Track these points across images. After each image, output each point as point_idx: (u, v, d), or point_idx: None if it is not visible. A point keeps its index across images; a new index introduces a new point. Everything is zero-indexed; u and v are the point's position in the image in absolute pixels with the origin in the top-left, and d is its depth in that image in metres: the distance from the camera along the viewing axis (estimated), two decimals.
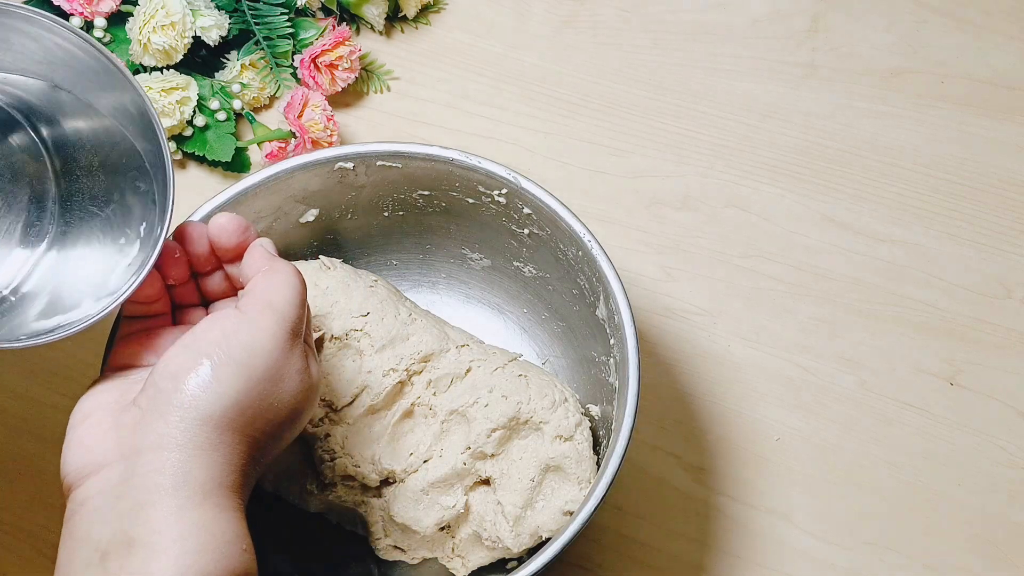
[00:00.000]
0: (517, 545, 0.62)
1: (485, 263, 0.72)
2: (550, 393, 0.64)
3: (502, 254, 0.70)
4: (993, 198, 0.80)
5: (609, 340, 0.63)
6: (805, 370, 0.75)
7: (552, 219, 0.64)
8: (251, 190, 0.64)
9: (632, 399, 0.59)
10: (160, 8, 0.78)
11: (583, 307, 0.66)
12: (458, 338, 0.66)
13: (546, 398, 0.63)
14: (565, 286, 0.67)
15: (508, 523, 0.62)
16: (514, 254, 0.69)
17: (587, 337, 0.67)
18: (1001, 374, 0.75)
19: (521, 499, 0.62)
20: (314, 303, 0.64)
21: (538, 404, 0.63)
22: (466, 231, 0.70)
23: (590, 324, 0.66)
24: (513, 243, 0.69)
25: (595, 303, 0.64)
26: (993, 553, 0.70)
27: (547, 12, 0.88)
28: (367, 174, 0.66)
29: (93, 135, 0.56)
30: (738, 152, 0.82)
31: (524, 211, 0.65)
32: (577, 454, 0.63)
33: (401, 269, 0.73)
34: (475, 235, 0.70)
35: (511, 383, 0.64)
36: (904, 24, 0.87)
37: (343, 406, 0.63)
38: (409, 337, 0.64)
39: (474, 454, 0.63)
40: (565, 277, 0.67)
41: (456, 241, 0.71)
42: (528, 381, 0.64)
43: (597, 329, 0.65)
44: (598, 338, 0.65)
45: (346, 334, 0.64)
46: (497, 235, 0.69)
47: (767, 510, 0.71)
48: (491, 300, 0.73)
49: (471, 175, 0.65)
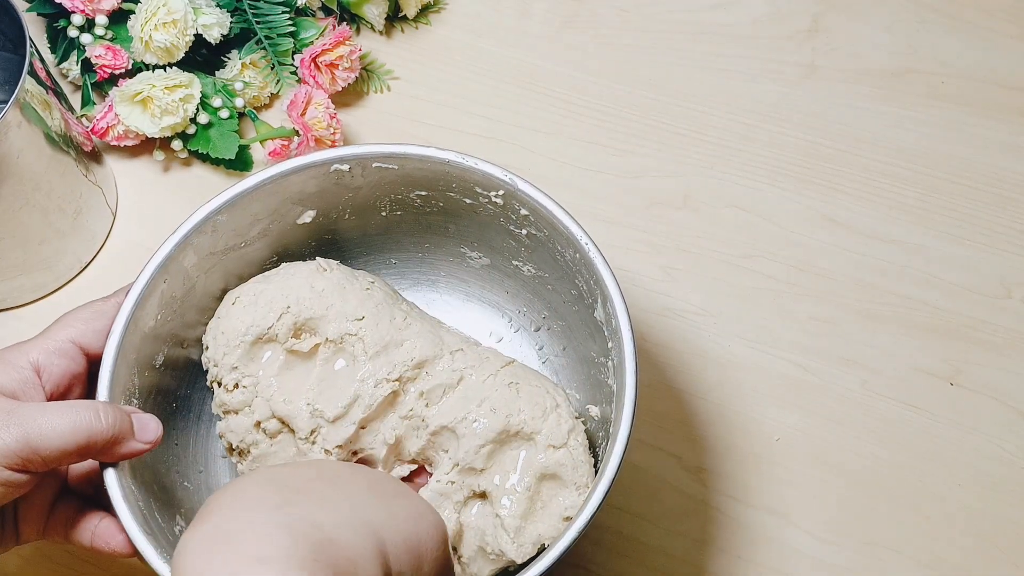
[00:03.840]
0: (520, 555, 0.62)
1: (484, 262, 0.72)
2: (541, 401, 0.63)
3: (501, 253, 0.70)
4: (993, 198, 0.80)
5: (607, 343, 0.63)
6: (805, 370, 0.75)
7: (549, 221, 0.63)
8: (247, 193, 0.64)
9: (629, 405, 0.58)
10: (162, 6, 0.78)
11: (582, 308, 0.66)
12: (452, 342, 0.65)
13: (537, 407, 0.63)
14: (564, 286, 0.67)
15: (509, 535, 0.62)
16: (513, 253, 0.69)
17: (586, 338, 0.67)
18: (1001, 374, 0.75)
19: (519, 509, 0.62)
20: (310, 305, 0.64)
21: (528, 415, 0.62)
22: (465, 230, 0.70)
23: (589, 325, 0.66)
24: (512, 243, 0.68)
25: (593, 305, 0.64)
26: (993, 553, 0.70)
27: (547, 12, 0.88)
28: (363, 175, 0.66)
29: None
30: (738, 152, 0.82)
31: (521, 212, 0.65)
32: (572, 460, 0.62)
33: (400, 268, 0.73)
34: (474, 234, 0.70)
35: (501, 393, 0.63)
36: (904, 24, 0.87)
37: (336, 417, 0.63)
38: (403, 343, 0.64)
39: (462, 470, 0.63)
40: (564, 278, 0.67)
41: (455, 240, 0.71)
42: (519, 390, 0.63)
43: (596, 330, 0.65)
44: (596, 339, 0.65)
45: (341, 338, 0.63)
46: (496, 235, 0.69)
47: (767, 510, 0.71)
48: (491, 299, 0.73)
49: (468, 176, 0.65)
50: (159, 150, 0.82)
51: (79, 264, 0.80)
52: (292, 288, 0.64)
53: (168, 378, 0.65)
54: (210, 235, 0.64)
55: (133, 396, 0.62)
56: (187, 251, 0.63)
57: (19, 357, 0.57)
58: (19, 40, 0.69)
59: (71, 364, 0.58)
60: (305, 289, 0.64)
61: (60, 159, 0.74)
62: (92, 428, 0.54)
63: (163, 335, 0.64)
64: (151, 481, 0.61)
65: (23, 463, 0.53)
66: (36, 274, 0.78)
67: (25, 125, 0.69)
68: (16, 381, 0.56)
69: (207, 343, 0.64)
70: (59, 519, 0.59)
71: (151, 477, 0.61)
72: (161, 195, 0.82)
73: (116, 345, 0.60)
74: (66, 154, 0.75)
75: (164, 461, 0.64)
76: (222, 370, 0.63)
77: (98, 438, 0.54)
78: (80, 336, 0.59)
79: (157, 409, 0.63)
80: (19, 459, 0.52)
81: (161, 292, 0.62)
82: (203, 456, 0.68)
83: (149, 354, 0.63)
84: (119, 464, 0.57)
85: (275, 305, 0.63)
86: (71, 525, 0.59)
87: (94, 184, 0.79)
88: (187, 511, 0.64)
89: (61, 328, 0.59)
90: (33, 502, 0.59)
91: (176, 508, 0.63)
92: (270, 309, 0.63)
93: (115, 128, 0.80)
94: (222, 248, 0.65)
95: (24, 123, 0.69)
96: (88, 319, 0.60)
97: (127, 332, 0.60)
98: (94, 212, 0.79)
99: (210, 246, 0.64)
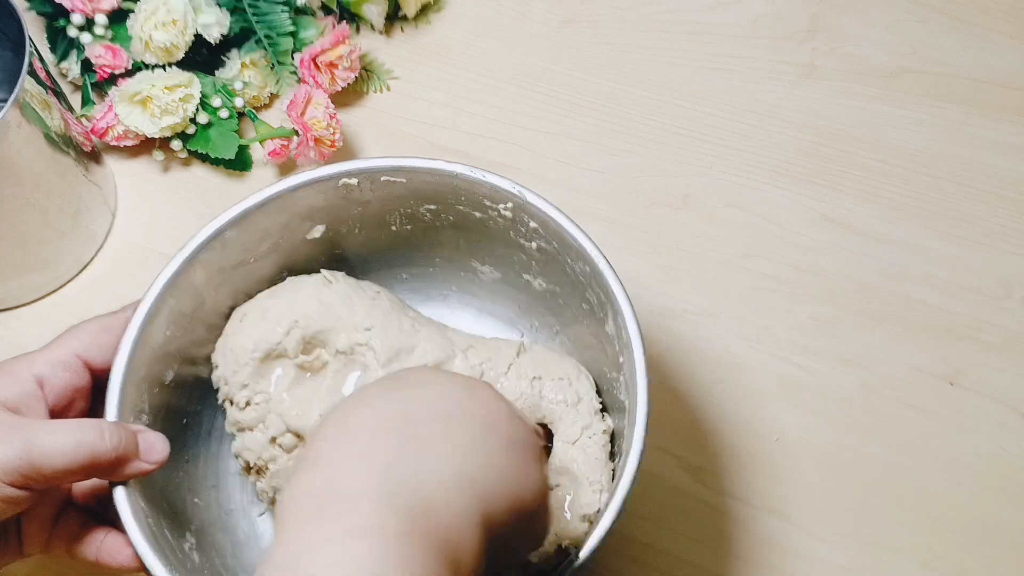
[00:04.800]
0: (538, 556, 0.61)
1: (495, 276, 0.71)
2: (564, 396, 0.63)
3: (511, 267, 0.69)
4: (993, 198, 0.80)
5: (619, 357, 0.62)
6: (805, 370, 0.75)
7: (559, 234, 0.62)
8: (256, 208, 0.63)
9: (641, 421, 0.57)
10: (162, 5, 0.78)
11: (593, 322, 0.65)
12: (461, 341, 0.65)
13: (559, 404, 0.63)
14: (575, 300, 0.66)
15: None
16: (523, 267, 0.69)
17: (598, 352, 0.66)
18: (1001, 374, 0.75)
19: None
20: (318, 318, 0.63)
21: (548, 414, 0.62)
22: (475, 244, 0.69)
23: (600, 339, 0.65)
24: (522, 256, 0.68)
25: (604, 319, 0.63)
26: (993, 553, 0.70)
27: (547, 12, 0.88)
28: (372, 189, 0.65)
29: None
30: (738, 152, 0.82)
31: (531, 225, 0.64)
32: (586, 456, 0.62)
33: (411, 283, 0.73)
34: (484, 248, 0.69)
35: (521, 385, 0.63)
36: (904, 24, 0.87)
37: None
38: (414, 349, 0.63)
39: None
40: (574, 291, 0.66)
41: (465, 254, 0.70)
42: (542, 388, 0.63)
43: (607, 344, 0.64)
44: (608, 353, 0.64)
45: (351, 348, 0.63)
46: (506, 248, 0.68)
47: (767, 510, 0.71)
48: (502, 313, 0.73)
49: (476, 189, 0.64)
50: (159, 150, 0.82)
51: (79, 264, 0.80)
52: (299, 302, 0.63)
53: (178, 395, 0.65)
54: (219, 251, 0.63)
55: (143, 413, 0.61)
56: (196, 267, 0.62)
57: (22, 368, 0.56)
58: (19, 40, 0.69)
59: (74, 377, 0.58)
60: (312, 303, 0.63)
61: (60, 159, 0.74)
62: (95, 448, 0.53)
63: (172, 352, 0.63)
64: (160, 498, 0.60)
65: (24, 480, 0.52)
66: (36, 274, 0.78)
67: (25, 125, 0.69)
68: (18, 393, 0.55)
69: (216, 361, 0.64)
70: (62, 533, 0.59)
71: (160, 494, 0.61)
72: (161, 195, 0.82)
73: (125, 361, 0.59)
74: (66, 154, 0.75)
75: (174, 478, 0.63)
76: (233, 388, 0.63)
77: (101, 458, 0.54)
78: (85, 350, 0.58)
79: (167, 426, 0.63)
80: (20, 476, 0.52)
81: (170, 308, 0.61)
82: (214, 473, 0.67)
83: (158, 371, 0.62)
84: (129, 481, 0.56)
85: (283, 320, 0.63)
86: (75, 539, 0.59)
87: (94, 184, 0.79)
88: (197, 528, 0.63)
89: (66, 341, 0.58)
90: (36, 516, 0.58)
91: (186, 525, 0.62)
92: (278, 324, 0.63)
93: (115, 128, 0.80)
94: (231, 264, 0.64)
95: (24, 123, 0.69)
96: (95, 333, 0.59)
97: (136, 348, 0.59)
98: (94, 212, 0.79)
99: (219, 262, 0.63)
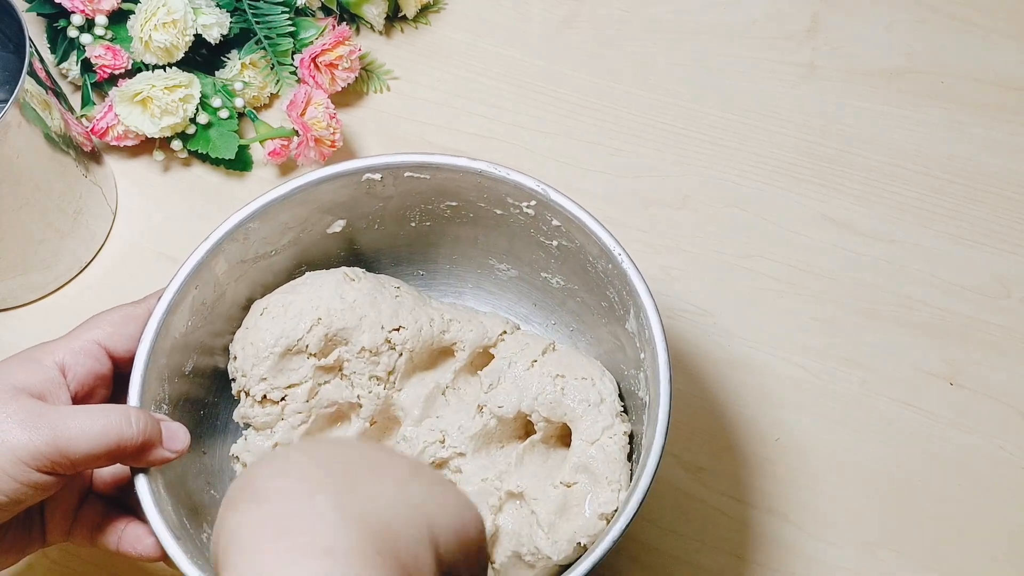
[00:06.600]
0: (556, 553, 0.61)
1: (512, 273, 0.71)
2: (586, 396, 0.63)
3: (530, 265, 0.69)
4: (993, 198, 0.80)
5: (639, 354, 0.62)
6: (805, 370, 0.75)
7: (582, 231, 0.63)
8: (278, 202, 0.63)
9: (663, 416, 0.57)
10: (161, 6, 0.78)
11: (612, 320, 0.65)
12: (493, 328, 0.66)
13: (581, 403, 0.63)
14: (594, 298, 0.67)
15: (544, 531, 0.61)
16: (542, 265, 0.69)
17: (616, 350, 0.66)
18: (1001, 374, 0.75)
19: (553, 505, 0.61)
20: (341, 317, 0.63)
21: (570, 413, 0.63)
22: (494, 241, 0.69)
23: (619, 337, 0.65)
24: (541, 254, 0.68)
25: (625, 316, 0.63)
26: (993, 553, 0.70)
27: (547, 12, 0.88)
28: (395, 185, 0.65)
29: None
30: (738, 152, 0.82)
31: (553, 223, 0.64)
32: (604, 455, 0.62)
33: (428, 279, 0.73)
34: (503, 246, 0.69)
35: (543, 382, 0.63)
36: (904, 24, 0.87)
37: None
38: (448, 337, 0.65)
39: (499, 475, 0.63)
40: (594, 289, 0.66)
41: (483, 251, 0.70)
42: (565, 386, 0.63)
43: (627, 342, 0.64)
44: (627, 351, 0.64)
45: (377, 348, 0.64)
46: (525, 246, 0.68)
47: (767, 510, 0.71)
48: (518, 311, 0.73)
49: (499, 186, 0.64)
50: (159, 150, 0.82)
51: (79, 264, 0.80)
52: (322, 299, 0.64)
53: (196, 386, 0.65)
54: (241, 243, 0.63)
55: (163, 403, 0.61)
56: (218, 258, 0.63)
57: (45, 356, 0.57)
58: (19, 40, 0.69)
59: (96, 365, 0.58)
60: (335, 300, 0.64)
61: (60, 159, 0.74)
62: (122, 433, 0.54)
63: (192, 343, 0.63)
64: (179, 488, 0.61)
65: (51, 465, 0.53)
66: (36, 274, 0.78)
67: (25, 125, 0.69)
68: (42, 380, 0.56)
69: (235, 353, 0.64)
70: (84, 521, 0.59)
71: (179, 484, 0.61)
72: (161, 195, 0.82)
73: (148, 350, 0.59)
74: (66, 154, 0.75)
75: (192, 469, 0.63)
76: (251, 380, 0.63)
77: (127, 443, 0.54)
78: (107, 339, 0.59)
79: (186, 417, 0.63)
80: (48, 461, 0.52)
81: (192, 299, 0.62)
82: (229, 466, 0.67)
83: (179, 361, 0.63)
84: (149, 470, 0.57)
85: (305, 316, 0.63)
86: (97, 528, 0.59)
87: (94, 184, 0.79)
88: (213, 519, 0.62)
89: (89, 329, 0.59)
90: (59, 504, 0.59)
91: (203, 516, 0.62)
92: (300, 320, 0.63)
93: (115, 128, 0.80)
94: (252, 256, 0.65)
95: (24, 123, 0.69)
96: (117, 322, 0.59)
97: (159, 338, 0.60)
98: (94, 212, 0.79)
99: (240, 254, 0.64)
